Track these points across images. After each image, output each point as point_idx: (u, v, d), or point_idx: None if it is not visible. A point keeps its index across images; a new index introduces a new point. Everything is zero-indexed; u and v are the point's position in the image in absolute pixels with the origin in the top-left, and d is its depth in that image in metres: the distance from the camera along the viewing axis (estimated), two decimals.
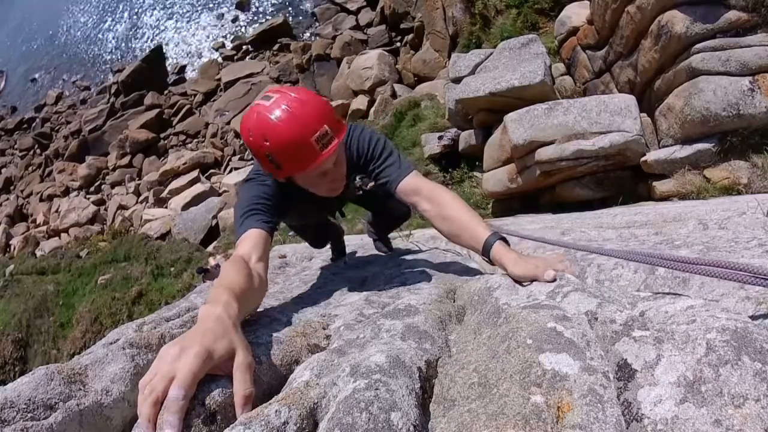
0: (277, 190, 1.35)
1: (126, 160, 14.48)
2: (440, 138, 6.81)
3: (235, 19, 18.49)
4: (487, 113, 5.44)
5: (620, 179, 4.35)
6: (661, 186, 3.94)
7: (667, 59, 4.02)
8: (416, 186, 1.36)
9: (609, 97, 4.45)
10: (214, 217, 9.51)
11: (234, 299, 0.87)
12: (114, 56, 20.32)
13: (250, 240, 1.18)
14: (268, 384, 0.80)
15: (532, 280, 1.02)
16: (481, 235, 1.18)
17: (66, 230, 12.52)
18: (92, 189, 14.39)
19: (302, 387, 0.69)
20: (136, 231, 10.75)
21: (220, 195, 10.76)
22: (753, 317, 0.70)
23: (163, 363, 0.67)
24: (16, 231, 14.09)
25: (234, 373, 0.71)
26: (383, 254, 2.56)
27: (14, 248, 12.85)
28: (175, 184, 12.01)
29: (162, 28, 20.37)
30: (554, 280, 0.96)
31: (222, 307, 0.83)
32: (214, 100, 15.14)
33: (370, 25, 14.16)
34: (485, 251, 1.17)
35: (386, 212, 2.34)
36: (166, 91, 16.25)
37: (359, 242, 3.43)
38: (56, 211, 13.50)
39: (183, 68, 17.70)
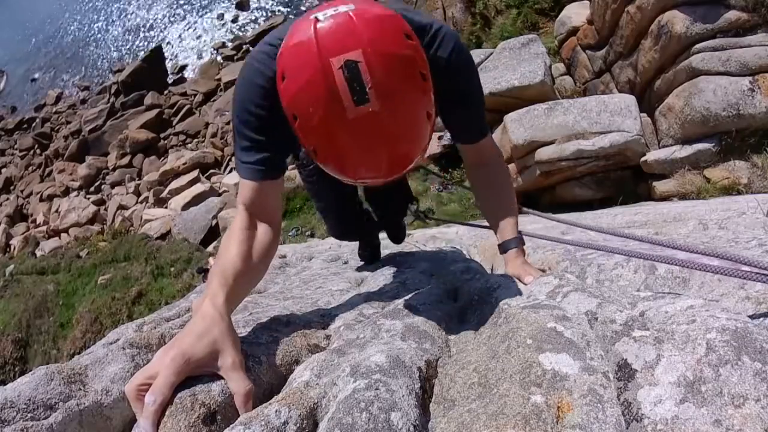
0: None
1: (126, 160, 14.46)
2: (440, 138, 6.80)
3: (235, 19, 18.49)
4: (486, 113, 5.45)
5: (620, 179, 4.35)
6: (661, 186, 3.94)
7: (667, 59, 4.02)
8: (483, 152, 1.26)
9: (609, 97, 4.46)
10: (214, 217, 9.49)
11: (224, 286, 0.84)
12: (114, 56, 20.30)
13: (252, 187, 0.96)
14: (268, 384, 0.79)
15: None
16: (506, 234, 1.19)
17: (66, 230, 12.50)
18: (92, 189, 14.37)
19: (302, 387, 0.69)
20: (136, 231, 10.72)
21: (220, 195, 10.74)
22: (753, 317, 0.70)
23: (150, 365, 0.69)
24: (16, 231, 14.06)
25: (225, 375, 0.70)
26: (383, 252, 2.55)
27: (14, 248, 12.82)
28: (175, 184, 11.99)
29: (162, 28, 20.37)
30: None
31: (208, 300, 0.81)
32: (214, 100, 15.12)
33: None
34: (503, 249, 1.20)
35: (387, 203, 2.14)
36: (166, 91, 16.23)
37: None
38: (56, 211, 13.48)
39: (183, 68, 17.69)
